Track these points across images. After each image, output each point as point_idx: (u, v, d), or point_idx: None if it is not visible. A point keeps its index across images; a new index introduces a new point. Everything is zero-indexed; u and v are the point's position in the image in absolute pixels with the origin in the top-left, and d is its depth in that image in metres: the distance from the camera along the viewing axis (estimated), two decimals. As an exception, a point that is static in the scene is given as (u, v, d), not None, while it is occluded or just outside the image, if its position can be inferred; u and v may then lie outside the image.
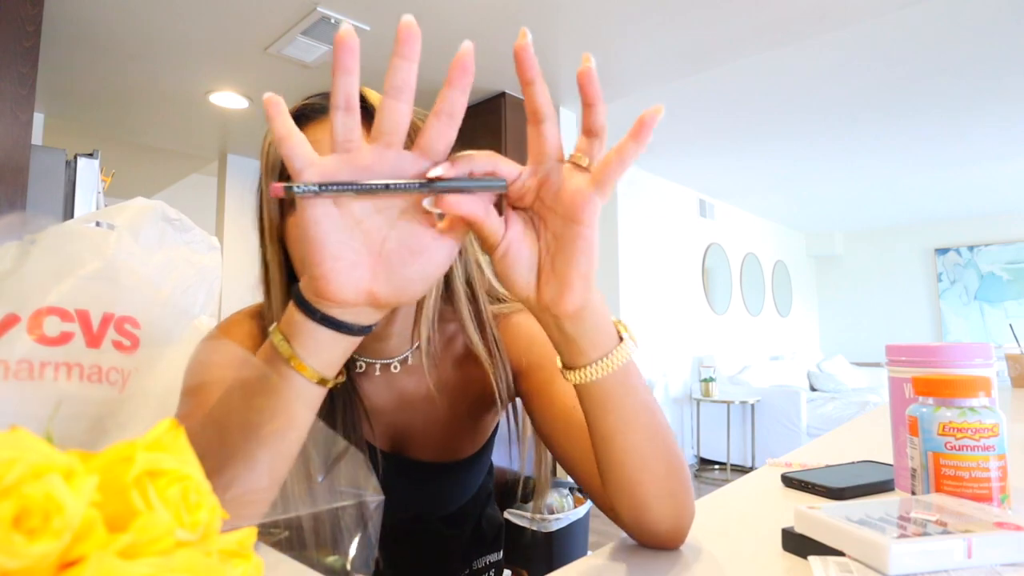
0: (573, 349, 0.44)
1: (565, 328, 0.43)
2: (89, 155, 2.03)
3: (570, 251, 0.39)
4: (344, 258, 0.37)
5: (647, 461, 0.47)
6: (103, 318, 0.65)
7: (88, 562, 0.18)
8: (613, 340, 0.45)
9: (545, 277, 0.41)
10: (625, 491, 0.48)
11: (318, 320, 0.39)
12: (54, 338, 0.61)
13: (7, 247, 0.65)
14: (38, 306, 0.62)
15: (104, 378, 0.63)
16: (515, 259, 0.41)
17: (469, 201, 0.38)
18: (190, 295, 0.75)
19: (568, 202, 0.39)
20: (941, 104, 3.23)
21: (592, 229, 0.39)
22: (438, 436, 0.71)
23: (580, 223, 0.39)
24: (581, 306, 0.41)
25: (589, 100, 0.38)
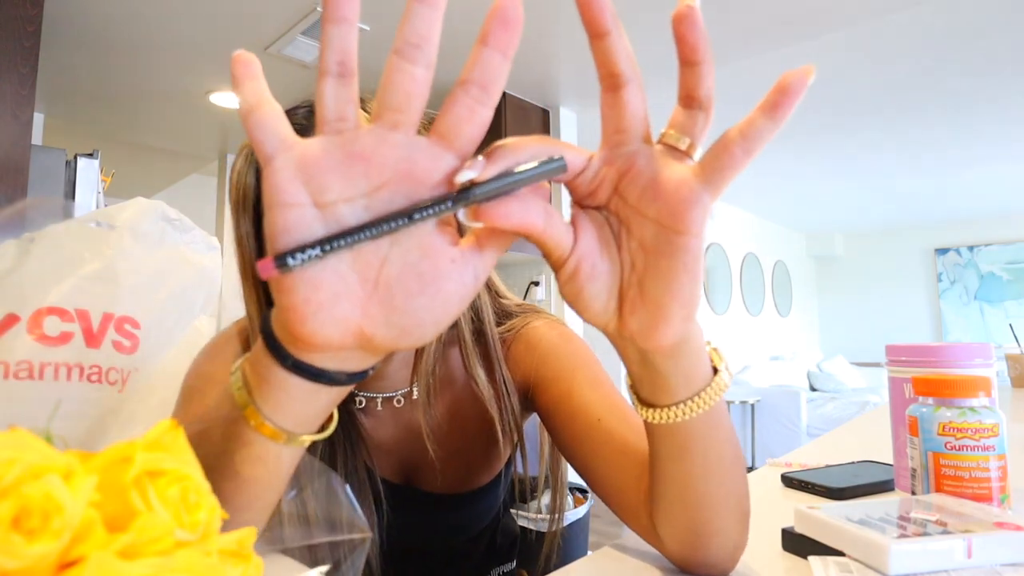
0: (660, 386, 0.35)
1: (655, 364, 0.33)
2: (89, 155, 2.03)
3: (667, 269, 0.29)
4: (325, 286, 0.26)
5: (720, 507, 0.40)
6: (103, 318, 0.65)
7: (88, 562, 0.18)
8: (707, 375, 0.35)
9: (631, 302, 0.30)
10: (685, 531, 0.42)
11: (289, 367, 0.28)
12: (54, 338, 0.61)
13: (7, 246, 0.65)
14: (38, 306, 0.62)
15: (104, 378, 0.63)
16: (588, 279, 0.30)
17: (521, 207, 0.27)
18: (190, 295, 0.75)
19: (666, 201, 0.28)
20: (941, 104, 3.23)
21: (699, 240, 0.28)
22: (451, 467, 0.66)
23: (683, 232, 0.28)
24: (680, 340, 0.31)
25: (690, 56, 0.27)
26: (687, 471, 0.38)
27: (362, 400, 0.62)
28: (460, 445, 0.65)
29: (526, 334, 0.64)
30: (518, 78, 2.86)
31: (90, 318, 0.64)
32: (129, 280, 0.67)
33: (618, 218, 0.30)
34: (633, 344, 0.32)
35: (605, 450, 0.51)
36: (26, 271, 0.63)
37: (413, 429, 0.64)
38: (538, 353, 0.61)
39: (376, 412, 0.63)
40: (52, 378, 0.61)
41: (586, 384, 0.56)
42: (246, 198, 0.51)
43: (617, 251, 0.30)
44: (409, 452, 0.66)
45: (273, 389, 0.29)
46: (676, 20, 0.27)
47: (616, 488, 0.49)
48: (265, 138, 0.26)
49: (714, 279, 5.08)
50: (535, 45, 2.55)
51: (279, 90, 0.39)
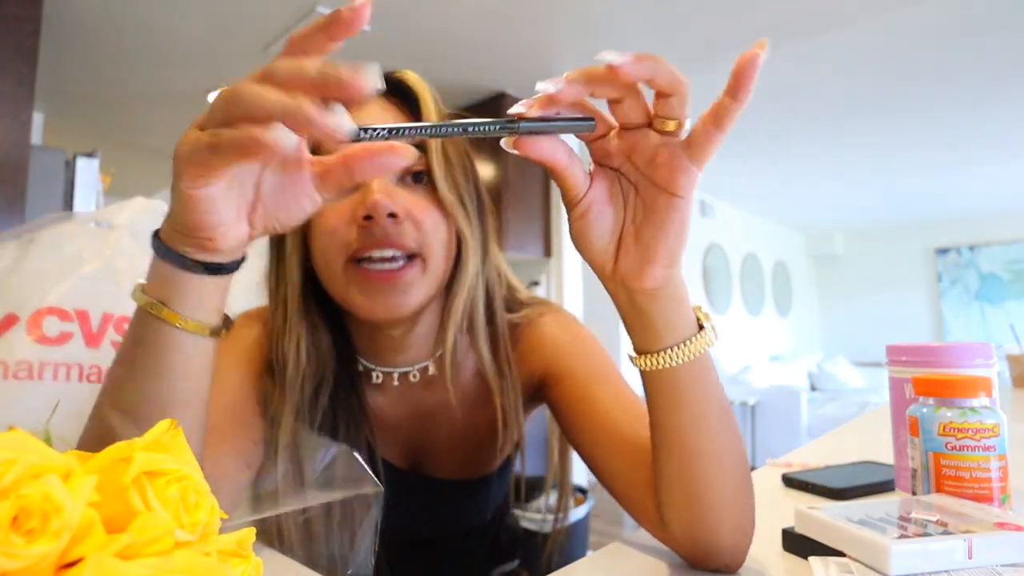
0: (648, 331, 0.40)
1: (640, 305, 0.39)
2: (89, 155, 2.03)
3: (661, 222, 0.36)
4: (229, 217, 0.35)
5: (716, 466, 0.42)
6: (103, 318, 0.65)
7: (87, 563, 0.18)
8: (692, 327, 0.40)
9: (626, 247, 0.38)
10: (686, 501, 0.43)
11: (202, 271, 0.36)
12: (54, 338, 0.61)
13: (7, 246, 0.64)
14: (38, 306, 0.62)
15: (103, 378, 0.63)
16: (595, 220, 0.37)
17: (551, 146, 0.34)
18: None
19: (664, 170, 0.35)
20: (942, 104, 3.23)
21: (688, 202, 0.36)
22: (458, 452, 0.67)
23: (676, 193, 0.35)
24: (662, 284, 0.38)
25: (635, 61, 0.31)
26: (681, 423, 0.41)
27: (379, 375, 0.61)
28: (468, 431, 0.65)
29: (537, 329, 0.63)
30: (518, 78, 2.85)
31: (90, 318, 0.64)
32: (129, 280, 0.67)
33: (629, 180, 0.37)
34: (623, 285, 0.38)
35: (616, 445, 0.52)
36: (26, 271, 0.63)
37: (424, 409, 0.64)
38: (549, 348, 0.62)
39: (391, 389, 0.63)
40: (52, 378, 0.61)
41: (598, 379, 0.57)
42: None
43: (623, 204, 0.38)
44: (418, 433, 0.65)
45: (190, 292, 0.37)
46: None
47: (625, 481, 0.50)
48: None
49: (714, 279, 5.08)
50: (535, 45, 2.55)
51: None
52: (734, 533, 0.44)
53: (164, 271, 0.36)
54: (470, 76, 2.80)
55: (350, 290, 0.51)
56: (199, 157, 0.32)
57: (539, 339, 0.63)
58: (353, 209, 0.50)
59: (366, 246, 0.50)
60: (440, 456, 0.67)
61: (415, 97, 0.54)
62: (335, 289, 0.53)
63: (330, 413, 0.58)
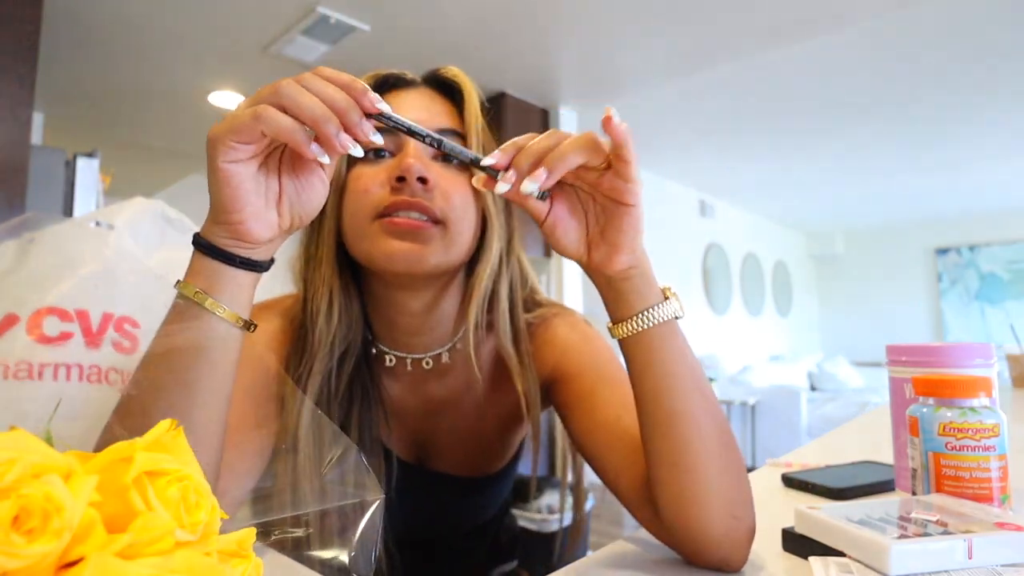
0: (621, 303, 0.46)
1: (615, 285, 0.45)
2: (89, 155, 2.03)
3: (619, 226, 0.43)
4: (259, 203, 0.40)
5: (693, 430, 0.44)
6: (103, 318, 0.65)
7: (88, 562, 0.18)
8: (659, 297, 0.46)
9: (595, 243, 0.44)
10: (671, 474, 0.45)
11: (238, 264, 0.41)
12: (53, 338, 0.61)
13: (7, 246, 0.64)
14: (38, 306, 0.61)
15: (104, 378, 0.63)
16: (563, 233, 0.44)
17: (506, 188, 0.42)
18: (190, 295, 0.74)
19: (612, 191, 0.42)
20: (941, 104, 3.23)
21: (639, 208, 0.43)
22: (465, 447, 0.67)
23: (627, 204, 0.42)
24: (630, 265, 0.44)
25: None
26: (657, 383, 0.45)
27: (392, 359, 0.62)
28: (476, 425, 0.66)
29: (550, 329, 0.65)
30: (518, 78, 2.85)
31: (90, 318, 0.64)
32: (129, 280, 0.67)
33: (589, 195, 0.44)
34: (599, 271, 0.45)
35: (617, 444, 0.53)
36: (26, 271, 0.63)
37: (435, 399, 0.65)
38: (559, 347, 0.63)
39: (404, 374, 0.64)
40: (52, 378, 0.61)
41: (606, 382, 0.58)
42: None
43: (584, 213, 0.45)
44: (425, 425, 0.66)
45: (227, 284, 0.41)
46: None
47: (627, 479, 0.52)
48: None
49: (714, 279, 5.08)
50: (535, 45, 2.55)
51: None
52: (725, 519, 0.45)
53: (204, 265, 0.41)
54: (470, 76, 2.80)
55: (375, 241, 0.53)
56: (239, 123, 0.38)
57: (551, 339, 0.64)
58: (388, 172, 0.53)
59: (395, 205, 0.52)
60: (446, 451, 0.67)
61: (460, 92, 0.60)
62: (360, 244, 0.55)
63: (347, 385, 0.60)
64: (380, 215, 0.53)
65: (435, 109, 0.58)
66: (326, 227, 0.57)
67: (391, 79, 0.60)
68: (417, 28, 2.38)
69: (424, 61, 2.90)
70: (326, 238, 0.57)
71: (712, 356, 4.68)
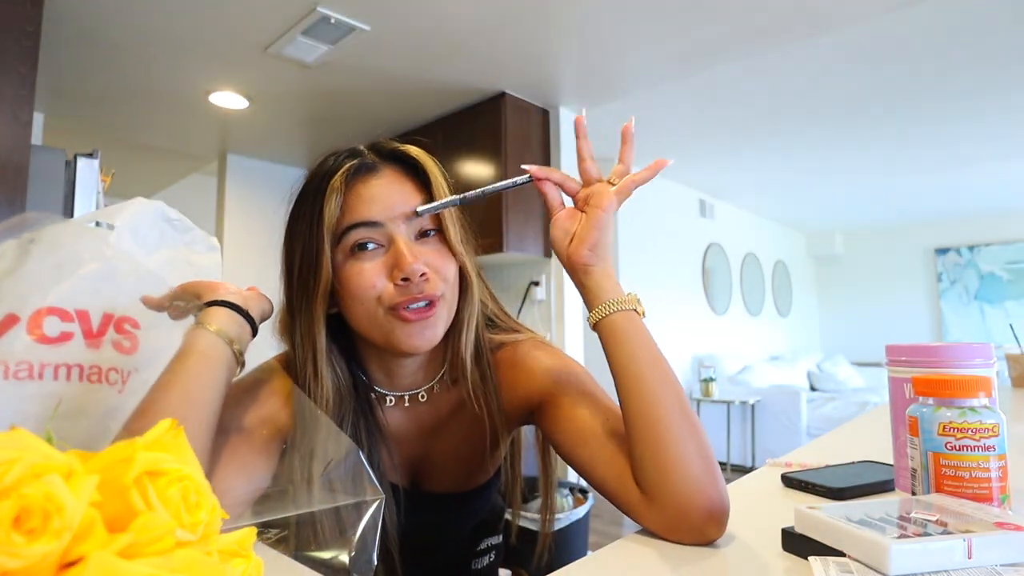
0: (590, 294, 0.61)
1: (581, 278, 0.61)
2: (89, 155, 2.03)
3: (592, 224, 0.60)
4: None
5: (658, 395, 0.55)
6: (103, 318, 0.65)
7: (88, 562, 0.18)
8: (620, 294, 0.60)
9: (575, 241, 0.61)
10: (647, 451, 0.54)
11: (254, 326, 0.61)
12: (54, 338, 0.61)
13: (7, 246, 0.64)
14: (38, 306, 0.61)
15: (104, 378, 0.63)
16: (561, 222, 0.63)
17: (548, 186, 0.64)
18: (190, 295, 0.74)
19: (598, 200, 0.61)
20: (941, 104, 3.23)
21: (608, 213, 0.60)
22: (455, 466, 0.74)
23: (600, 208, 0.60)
24: (591, 262, 0.60)
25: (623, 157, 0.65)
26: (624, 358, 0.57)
27: (392, 399, 0.71)
28: (465, 443, 0.72)
29: (531, 360, 0.71)
30: (518, 78, 2.86)
31: (90, 318, 0.64)
32: (129, 280, 0.67)
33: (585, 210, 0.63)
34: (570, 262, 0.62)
35: (599, 451, 0.61)
36: (26, 271, 0.63)
37: (428, 425, 0.72)
38: (541, 377, 0.69)
39: (402, 410, 0.71)
40: (52, 378, 0.61)
41: (583, 401, 0.65)
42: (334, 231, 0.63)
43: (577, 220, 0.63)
44: (420, 450, 0.73)
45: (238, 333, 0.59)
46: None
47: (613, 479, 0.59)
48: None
49: (714, 279, 5.08)
50: (535, 45, 2.55)
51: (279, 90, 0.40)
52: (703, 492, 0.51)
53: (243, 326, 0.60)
54: (470, 76, 2.80)
55: (394, 332, 0.62)
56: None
57: (532, 371, 0.70)
58: (388, 270, 0.61)
59: (406, 300, 0.61)
60: (438, 470, 0.74)
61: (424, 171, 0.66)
62: (377, 332, 0.63)
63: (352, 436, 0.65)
64: (391, 308, 0.61)
65: (406, 190, 0.64)
66: (317, 324, 0.63)
67: (360, 168, 0.64)
68: (417, 28, 2.38)
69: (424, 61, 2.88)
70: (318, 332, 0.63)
71: (712, 356, 4.68)
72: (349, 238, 0.61)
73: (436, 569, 0.81)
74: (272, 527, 0.46)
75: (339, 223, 0.61)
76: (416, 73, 2.69)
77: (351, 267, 0.61)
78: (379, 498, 0.43)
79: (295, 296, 0.64)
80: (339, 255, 0.62)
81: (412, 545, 0.74)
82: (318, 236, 0.61)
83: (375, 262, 0.61)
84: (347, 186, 0.62)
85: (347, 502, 0.42)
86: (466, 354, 0.68)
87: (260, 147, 3.74)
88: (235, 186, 3.81)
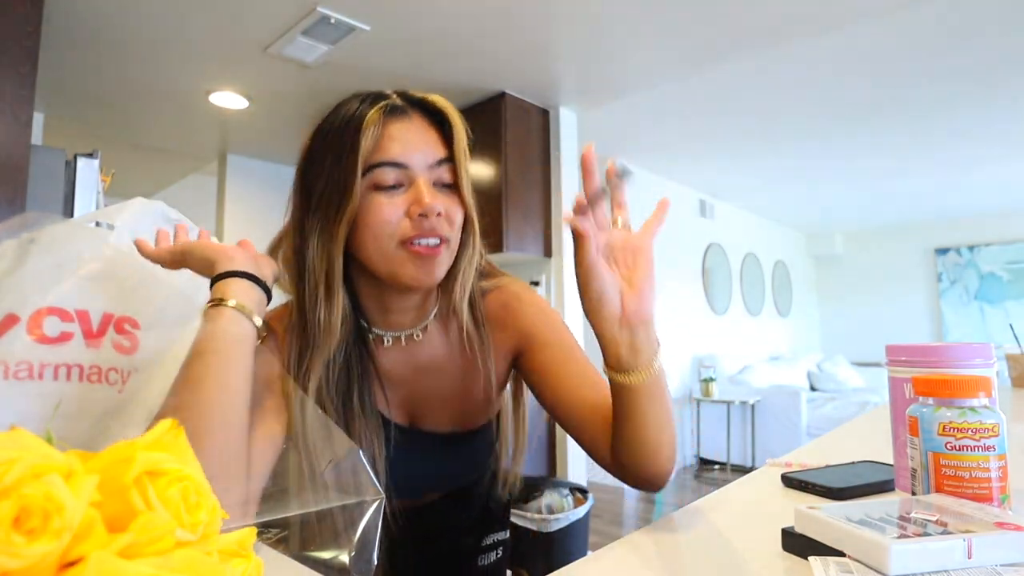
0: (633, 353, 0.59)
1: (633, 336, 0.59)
2: (89, 155, 2.03)
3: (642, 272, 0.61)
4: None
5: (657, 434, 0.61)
6: (103, 318, 0.65)
7: (88, 562, 0.18)
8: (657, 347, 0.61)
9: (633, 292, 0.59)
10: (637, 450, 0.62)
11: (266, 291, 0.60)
12: (54, 338, 0.61)
13: (7, 246, 0.64)
14: (38, 306, 0.61)
15: (104, 378, 0.63)
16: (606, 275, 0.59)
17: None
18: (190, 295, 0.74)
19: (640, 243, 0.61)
20: (941, 104, 3.23)
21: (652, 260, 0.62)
22: (451, 405, 0.76)
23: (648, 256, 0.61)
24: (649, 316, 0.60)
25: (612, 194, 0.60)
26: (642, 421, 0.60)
27: (389, 339, 0.73)
28: (463, 383, 0.76)
29: (515, 302, 0.77)
30: (518, 78, 2.86)
31: (90, 318, 0.64)
32: (129, 280, 0.67)
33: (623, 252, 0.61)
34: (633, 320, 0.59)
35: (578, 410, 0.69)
36: (26, 271, 0.63)
37: (424, 364, 0.75)
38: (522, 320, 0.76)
39: (398, 349, 0.74)
40: (52, 378, 0.61)
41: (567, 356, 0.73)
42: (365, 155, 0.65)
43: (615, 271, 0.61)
44: (417, 389, 0.75)
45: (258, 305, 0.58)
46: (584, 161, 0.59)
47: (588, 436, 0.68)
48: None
49: (714, 279, 5.08)
50: (535, 45, 2.55)
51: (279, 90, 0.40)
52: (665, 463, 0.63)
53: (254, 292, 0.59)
54: (470, 76, 2.80)
55: (403, 265, 0.65)
56: None
57: (519, 313, 0.76)
58: (407, 206, 0.64)
59: (420, 234, 0.64)
60: (435, 409, 0.76)
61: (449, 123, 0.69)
62: (384, 265, 0.66)
63: (344, 370, 0.69)
64: (404, 242, 0.64)
65: (431, 140, 0.67)
66: (337, 237, 0.65)
67: (393, 109, 0.67)
68: (417, 28, 2.38)
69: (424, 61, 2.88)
70: (335, 259, 0.65)
71: (712, 356, 4.68)
72: (375, 174, 0.64)
73: (442, 565, 0.81)
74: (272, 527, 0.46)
75: (369, 158, 0.64)
76: (416, 73, 2.69)
77: (373, 200, 0.64)
78: (379, 498, 0.43)
79: (313, 220, 0.66)
80: (362, 186, 0.64)
81: (416, 536, 0.75)
82: (350, 164, 0.63)
83: (395, 199, 0.64)
84: (382, 121, 0.65)
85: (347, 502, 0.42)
86: (461, 298, 0.72)
87: (260, 147, 3.74)
88: (235, 186, 3.82)
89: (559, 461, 3.07)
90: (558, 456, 3.08)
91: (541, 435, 3.01)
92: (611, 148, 3.87)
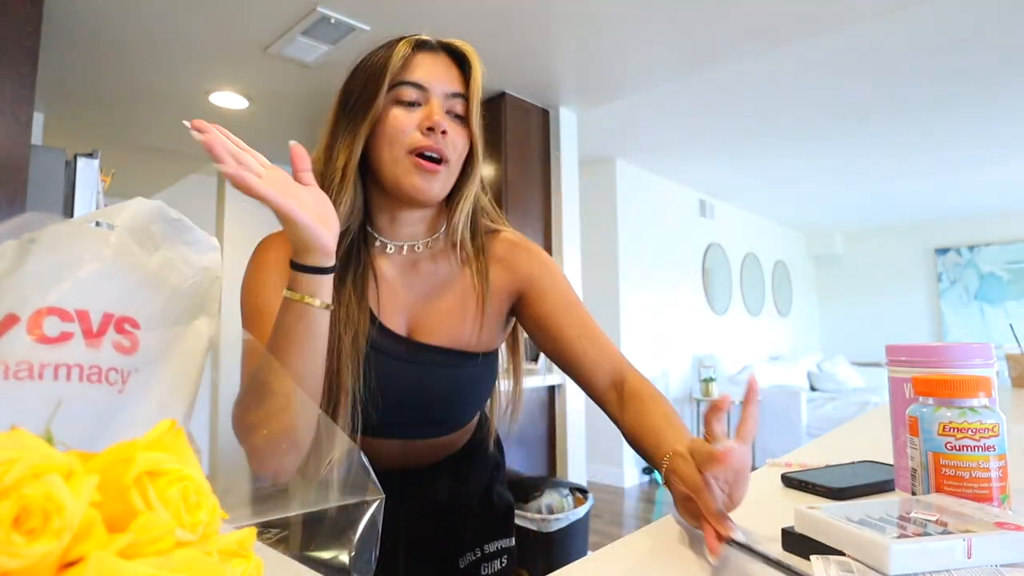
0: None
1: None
2: (89, 155, 2.03)
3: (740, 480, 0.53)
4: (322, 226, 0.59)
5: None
6: (103, 318, 0.65)
7: (88, 562, 0.18)
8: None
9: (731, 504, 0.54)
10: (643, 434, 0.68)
11: (328, 271, 0.61)
12: (54, 338, 0.61)
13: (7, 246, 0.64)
14: (38, 306, 0.61)
15: (104, 378, 0.63)
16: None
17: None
18: (190, 295, 0.74)
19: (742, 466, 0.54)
20: (941, 104, 3.23)
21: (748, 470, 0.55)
22: (450, 321, 0.80)
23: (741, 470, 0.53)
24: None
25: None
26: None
27: (392, 248, 0.79)
28: (455, 303, 0.80)
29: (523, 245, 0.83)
30: (518, 78, 2.85)
31: (90, 318, 0.64)
32: (129, 280, 0.67)
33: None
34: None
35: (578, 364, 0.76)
36: (26, 271, 0.63)
37: (421, 274, 0.80)
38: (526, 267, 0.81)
39: (400, 259, 0.80)
40: (52, 378, 0.60)
41: (567, 307, 0.79)
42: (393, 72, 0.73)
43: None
44: (416, 299, 0.79)
45: (317, 286, 0.61)
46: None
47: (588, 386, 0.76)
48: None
49: (714, 279, 5.08)
50: (535, 45, 2.55)
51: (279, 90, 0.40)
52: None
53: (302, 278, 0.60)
54: (470, 76, 2.80)
55: (407, 174, 0.73)
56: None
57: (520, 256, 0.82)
58: (419, 121, 0.73)
59: (427, 146, 0.72)
60: (433, 321, 0.79)
61: (469, 64, 0.77)
62: (392, 169, 0.73)
63: (344, 260, 0.75)
64: (411, 151, 0.72)
65: (452, 75, 0.76)
66: (359, 135, 0.73)
67: (423, 44, 0.77)
68: (417, 28, 2.37)
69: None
70: (354, 152, 0.73)
71: (712, 356, 4.68)
72: (399, 91, 0.73)
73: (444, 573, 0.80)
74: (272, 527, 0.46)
75: (396, 75, 0.73)
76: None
77: (393, 111, 0.73)
78: (379, 498, 0.43)
79: (343, 121, 0.75)
80: (386, 99, 0.73)
81: (415, 539, 0.75)
82: (380, 78, 0.72)
83: (412, 114, 0.73)
84: (412, 51, 0.75)
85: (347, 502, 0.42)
86: (463, 222, 0.79)
87: (260, 147, 3.69)
88: (235, 186, 3.81)
89: (559, 461, 3.07)
90: (558, 456, 3.08)
91: (541, 435, 3.01)
92: (611, 148, 3.88)
